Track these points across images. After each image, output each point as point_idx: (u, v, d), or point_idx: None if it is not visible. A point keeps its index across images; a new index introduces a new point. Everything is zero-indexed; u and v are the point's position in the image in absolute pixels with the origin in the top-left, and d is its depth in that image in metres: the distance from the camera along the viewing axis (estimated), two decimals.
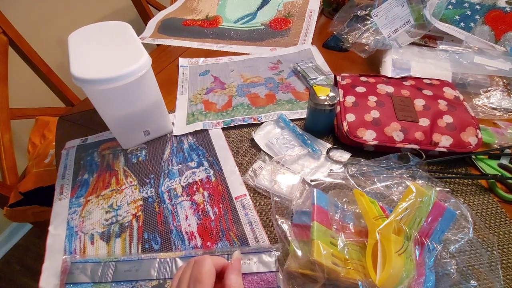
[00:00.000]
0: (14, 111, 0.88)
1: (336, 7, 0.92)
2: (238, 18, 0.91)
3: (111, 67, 0.43)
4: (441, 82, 0.58)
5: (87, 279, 0.38)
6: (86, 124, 0.63)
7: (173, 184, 0.50)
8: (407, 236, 0.33)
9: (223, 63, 0.76)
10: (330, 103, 0.50)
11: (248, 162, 0.53)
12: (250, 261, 0.38)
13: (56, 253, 0.42)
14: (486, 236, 0.41)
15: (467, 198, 0.46)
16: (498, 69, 0.61)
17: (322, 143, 0.54)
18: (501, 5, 0.69)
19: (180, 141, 0.57)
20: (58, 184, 0.51)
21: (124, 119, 0.50)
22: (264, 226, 0.44)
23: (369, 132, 0.50)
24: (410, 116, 0.50)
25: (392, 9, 0.68)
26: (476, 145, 0.47)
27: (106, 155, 0.55)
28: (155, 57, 0.81)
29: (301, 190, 0.45)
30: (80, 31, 0.51)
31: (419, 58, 0.65)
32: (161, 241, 0.43)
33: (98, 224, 0.45)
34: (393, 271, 0.30)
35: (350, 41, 0.77)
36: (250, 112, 0.61)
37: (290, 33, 0.84)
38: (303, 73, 0.68)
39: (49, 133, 0.94)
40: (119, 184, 0.50)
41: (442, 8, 0.70)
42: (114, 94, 0.46)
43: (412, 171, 0.45)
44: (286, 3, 0.90)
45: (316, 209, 0.37)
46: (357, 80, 0.59)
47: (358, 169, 0.48)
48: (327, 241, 0.35)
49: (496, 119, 0.57)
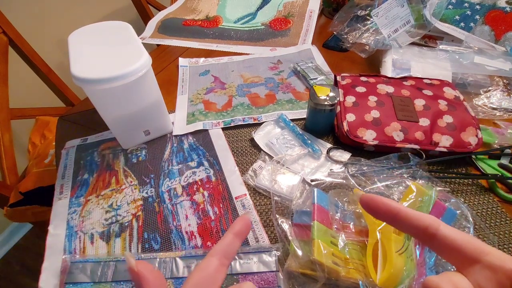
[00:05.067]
0: (14, 111, 0.88)
1: (336, 7, 0.92)
2: (238, 18, 0.91)
3: (111, 67, 0.43)
4: (441, 82, 0.58)
5: (86, 278, 0.38)
6: (86, 124, 0.63)
7: (173, 184, 0.50)
8: (407, 236, 0.33)
9: (223, 63, 0.76)
10: (330, 103, 0.50)
11: (248, 162, 0.53)
12: (250, 260, 0.38)
13: (56, 253, 0.42)
14: (487, 236, 0.41)
15: (468, 198, 0.46)
16: (498, 69, 0.61)
17: (322, 143, 0.54)
18: (501, 5, 0.69)
19: (180, 141, 0.57)
20: (58, 184, 0.51)
21: (124, 119, 0.50)
22: (264, 225, 0.44)
23: (369, 132, 0.50)
24: (410, 116, 0.50)
25: (392, 9, 0.68)
26: (476, 145, 0.47)
27: (106, 155, 0.55)
28: (155, 57, 0.81)
29: (301, 189, 0.45)
30: (80, 31, 0.51)
31: (419, 58, 0.65)
32: (161, 241, 0.43)
33: (98, 224, 0.45)
34: (393, 270, 0.30)
35: (350, 41, 0.77)
36: (250, 112, 0.61)
37: (290, 33, 0.84)
38: (303, 73, 0.68)
39: (49, 133, 0.94)
40: (119, 184, 0.50)
41: (442, 8, 0.70)
42: (114, 94, 0.46)
43: (413, 171, 0.45)
44: (286, 3, 0.90)
45: (316, 209, 0.37)
46: (357, 80, 0.59)
47: (358, 169, 0.48)
48: (327, 240, 0.35)
49: (496, 119, 0.57)
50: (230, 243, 0.24)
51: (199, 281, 0.22)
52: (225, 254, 0.24)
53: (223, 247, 0.24)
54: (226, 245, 0.24)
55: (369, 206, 0.23)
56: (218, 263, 0.23)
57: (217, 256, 0.23)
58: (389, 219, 0.22)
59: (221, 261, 0.23)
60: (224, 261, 0.24)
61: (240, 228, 0.25)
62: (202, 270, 0.22)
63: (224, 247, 0.24)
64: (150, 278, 0.21)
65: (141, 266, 0.21)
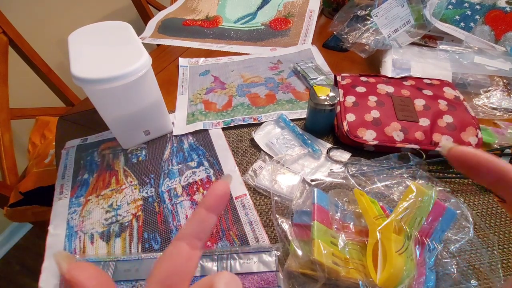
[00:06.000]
0: (14, 111, 0.88)
1: (336, 7, 0.92)
2: (238, 18, 0.91)
3: (111, 67, 0.43)
4: (441, 82, 0.58)
5: None
6: (86, 124, 0.63)
7: (173, 183, 0.50)
8: (407, 236, 0.33)
9: (223, 63, 0.76)
10: (330, 103, 0.50)
11: (248, 162, 0.53)
12: (251, 260, 0.38)
13: None
14: (487, 235, 0.41)
15: (468, 198, 0.46)
16: (498, 69, 0.61)
17: (322, 143, 0.54)
18: (501, 5, 0.69)
19: (180, 141, 0.57)
20: (58, 183, 0.51)
21: (124, 119, 0.50)
22: (264, 225, 0.44)
23: (369, 132, 0.50)
24: (410, 116, 0.50)
25: (392, 9, 0.68)
26: (476, 145, 0.47)
27: (106, 155, 0.55)
28: (155, 57, 0.81)
29: (301, 189, 0.45)
30: (80, 31, 0.51)
31: (419, 58, 0.65)
32: (161, 240, 0.43)
33: (98, 224, 0.45)
34: (393, 270, 0.30)
35: (350, 41, 0.77)
36: (250, 112, 0.61)
37: (290, 33, 0.84)
38: (303, 73, 0.68)
39: (49, 133, 0.94)
40: (119, 184, 0.50)
41: (442, 8, 0.70)
42: (114, 94, 0.46)
43: (413, 171, 0.45)
44: (286, 3, 0.90)
45: (316, 209, 0.37)
46: (357, 80, 0.59)
47: (358, 169, 0.48)
48: (327, 240, 0.35)
49: (496, 119, 0.57)
50: (203, 220, 0.19)
51: (167, 273, 0.18)
52: (196, 235, 0.19)
53: (194, 227, 0.19)
54: (198, 224, 0.19)
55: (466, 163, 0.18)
56: (187, 248, 0.19)
57: (187, 239, 0.19)
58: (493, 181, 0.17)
59: (191, 244, 0.19)
60: (196, 243, 0.19)
61: (214, 199, 0.20)
62: (169, 258, 0.18)
63: (194, 227, 0.19)
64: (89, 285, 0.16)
65: (77, 271, 0.16)
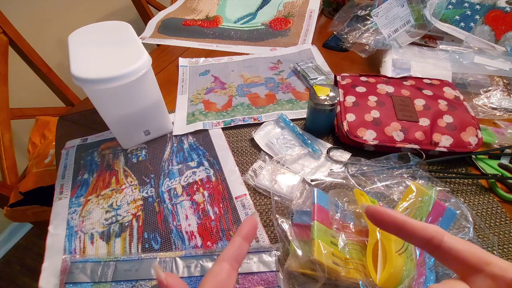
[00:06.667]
0: (14, 111, 0.88)
1: (336, 7, 0.92)
2: (238, 18, 0.91)
3: (111, 67, 0.43)
4: (441, 82, 0.58)
5: (87, 278, 0.38)
6: (86, 124, 0.63)
7: (173, 183, 0.50)
8: None
9: (223, 63, 0.76)
10: (330, 103, 0.50)
11: (248, 162, 0.53)
12: (250, 260, 0.38)
13: (56, 253, 0.42)
14: (487, 236, 0.41)
15: (467, 198, 0.46)
16: (498, 69, 0.61)
17: (322, 143, 0.54)
18: (501, 5, 0.69)
19: (180, 141, 0.57)
20: (58, 183, 0.51)
21: (124, 119, 0.50)
22: (264, 225, 0.44)
23: (369, 132, 0.50)
24: (410, 116, 0.50)
25: (392, 9, 0.68)
26: (476, 145, 0.47)
27: (106, 155, 0.55)
28: (155, 57, 0.81)
29: (301, 189, 0.45)
30: (80, 31, 0.51)
31: (419, 58, 0.65)
32: (161, 240, 0.43)
33: (98, 224, 0.45)
34: (393, 270, 0.30)
35: (350, 41, 0.77)
36: (250, 112, 0.61)
37: (290, 33, 0.84)
38: (303, 73, 0.68)
39: (49, 133, 0.94)
40: (119, 184, 0.50)
41: (442, 8, 0.70)
42: (114, 94, 0.46)
43: (412, 171, 0.45)
44: (286, 3, 0.90)
45: (316, 209, 0.37)
46: (357, 80, 0.59)
47: (358, 169, 0.48)
48: (327, 240, 0.35)
49: (496, 119, 0.57)
50: (239, 246, 0.25)
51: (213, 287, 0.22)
52: (235, 258, 0.24)
53: (233, 251, 0.24)
54: (236, 249, 0.24)
55: (375, 217, 0.24)
56: (229, 268, 0.23)
57: (228, 261, 0.24)
58: (395, 230, 0.23)
59: (232, 265, 0.24)
60: (235, 265, 0.24)
61: (248, 230, 0.25)
62: (214, 276, 0.23)
63: (234, 252, 0.24)
64: None
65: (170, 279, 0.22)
